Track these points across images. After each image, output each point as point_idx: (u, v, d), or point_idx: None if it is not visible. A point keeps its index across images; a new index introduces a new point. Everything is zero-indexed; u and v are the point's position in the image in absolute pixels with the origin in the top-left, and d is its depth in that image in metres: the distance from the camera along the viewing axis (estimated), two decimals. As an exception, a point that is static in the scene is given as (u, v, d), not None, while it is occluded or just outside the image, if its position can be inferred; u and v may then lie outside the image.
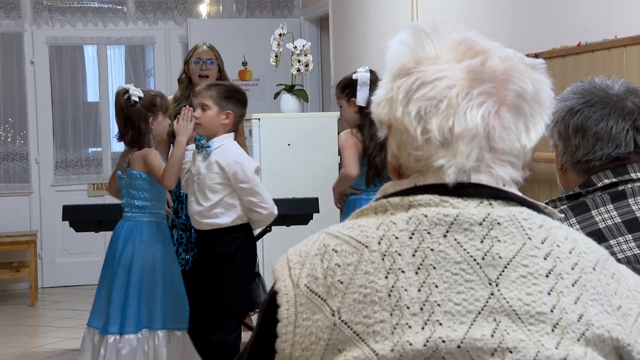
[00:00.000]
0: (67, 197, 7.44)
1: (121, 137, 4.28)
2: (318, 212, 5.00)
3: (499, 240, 1.13)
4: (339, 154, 4.69)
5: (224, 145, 4.09)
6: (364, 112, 4.41)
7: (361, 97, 4.47)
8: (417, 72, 1.16)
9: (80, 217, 5.18)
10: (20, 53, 7.79)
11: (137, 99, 4.19)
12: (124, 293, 4.14)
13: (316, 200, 5.02)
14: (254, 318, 5.12)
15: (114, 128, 8.09)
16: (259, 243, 5.34)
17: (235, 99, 4.12)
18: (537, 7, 4.10)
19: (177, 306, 4.21)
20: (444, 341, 1.08)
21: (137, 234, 4.20)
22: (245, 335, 4.57)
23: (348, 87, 4.52)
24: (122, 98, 4.22)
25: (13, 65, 7.78)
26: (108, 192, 4.69)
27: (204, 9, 8.09)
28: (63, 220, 5.18)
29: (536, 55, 3.82)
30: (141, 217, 4.24)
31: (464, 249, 1.12)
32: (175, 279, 4.23)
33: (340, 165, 4.72)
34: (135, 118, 4.19)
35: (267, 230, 5.07)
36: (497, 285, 1.11)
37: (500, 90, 1.15)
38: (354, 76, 4.54)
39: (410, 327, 1.08)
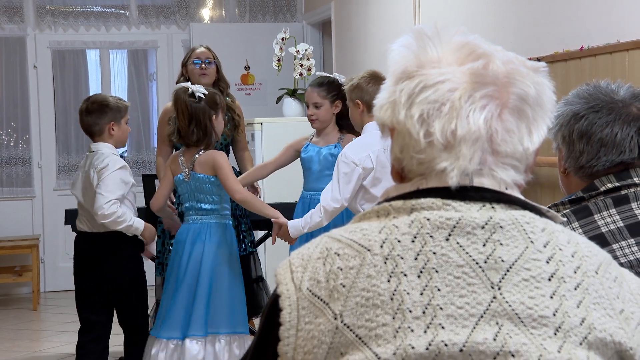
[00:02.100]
0: (70, 201, 7.39)
1: (185, 138, 4.12)
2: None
3: (501, 244, 1.12)
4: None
5: None
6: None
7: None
8: (419, 76, 1.16)
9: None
10: (23, 57, 7.80)
11: (202, 96, 4.08)
12: (191, 296, 4.08)
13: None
14: (257, 322, 5.11)
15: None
16: (261, 247, 5.35)
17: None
18: (540, 11, 4.10)
19: (241, 309, 4.19)
20: (446, 345, 1.07)
21: (205, 235, 4.14)
22: (249, 339, 4.57)
23: (335, 90, 4.52)
24: (186, 96, 4.08)
25: (16, 70, 7.80)
26: (157, 203, 4.34)
27: (206, 13, 8.10)
28: (65, 224, 5.18)
29: (538, 59, 3.82)
30: (209, 219, 4.17)
31: (467, 253, 1.12)
32: (239, 281, 4.20)
33: None
34: (201, 116, 4.08)
35: (269, 234, 5.07)
36: (499, 288, 1.10)
37: (503, 93, 1.16)
38: (340, 80, 4.55)
39: (412, 330, 1.08)
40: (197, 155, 4.13)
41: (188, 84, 4.17)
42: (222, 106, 4.22)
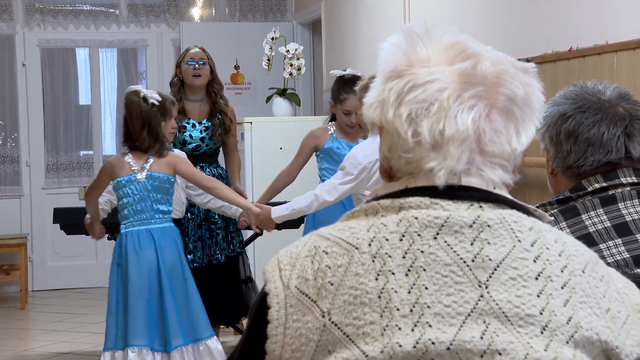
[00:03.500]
0: (58, 200, 7.41)
1: (137, 142, 4.04)
2: (309, 215, 4.99)
3: (488, 243, 1.13)
4: None
5: None
6: None
7: None
8: (408, 75, 1.16)
9: (71, 220, 5.17)
10: (11, 55, 7.78)
11: (156, 102, 4.02)
12: (159, 305, 3.97)
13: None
14: (245, 322, 5.11)
15: (106, 131, 8.14)
16: (250, 246, 5.35)
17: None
18: (529, 12, 4.11)
19: (203, 313, 4.12)
20: (433, 343, 1.08)
21: (167, 239, 4.05)
22: (237, 339, 4.56)
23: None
24: (139, 99, 4.01)
25: (4, 68, 7.77)
26: (89, 200, 4.26)
27: (196, 12, 8.09)
28: (54, 223, 5.17)
29: (528, 60, 3.83)
30: (163, 222, 4.08)
31: (454, 251, 1.12)
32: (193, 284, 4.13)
33: None
34: (153, 122, 4.02)
35: (258, 234, 5.08)
36: (486, 287, 1.11)
37: (491, 94, 1.16)
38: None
39: (400, 328, 1.08)
40: (152, 158, 4.06)
41: (140, 87, 4.10)
42: (172, 113, 4.14)
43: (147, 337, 3.93)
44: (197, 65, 4.91)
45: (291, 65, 5.93)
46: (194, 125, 4.92)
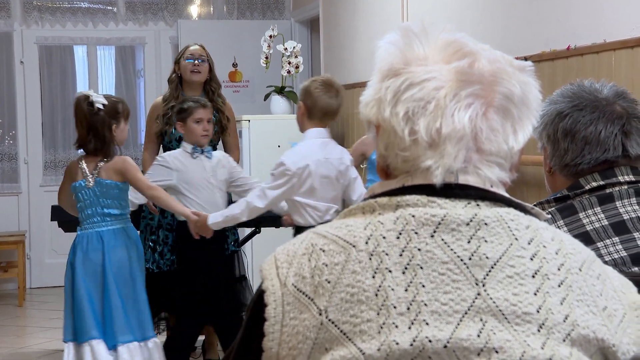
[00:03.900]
0: (56, 197, 7.40)
1: (83, 145, 4.13)
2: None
3: (485, 241, 1.13)
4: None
5: None
6: None
7: None
8: (405, 73, 1.16)
9: (69, 218, 5.14)
10: (9, 53, 7.77)
11: (101, 107, 4.06)
12: (101, 306, 4.07)
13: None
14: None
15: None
16: (247, 244, 5.34)
17: None
18: (527, 11, 4.11)
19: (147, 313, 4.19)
20: (430, 341, 1.08)
21: (113, 241, 4.12)
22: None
23: None
24: (85, 105, 4.07)
25: (2, 65, 7.76)
26: (60, 204, 4.41)
27: (194, 10, 8.09)
28: (52, 220, 5.17)
29: (525, 59, 3.84)
30: (114, 224, 4.14)
31: (451, 249, 1.12)
32: (142, 285, 4.20)
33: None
34: (99, 126, 4.06)
35: (256, 231, 5.07)
36: (483, 285, 1.11)
37: (488, 92, 1.16)
38: None
39: (397, 326, 1.09)
40: (101, 163, 4.11)
41: (89, 92, 4.13)
42: (126, 113, 4.16)
43: (96, 331, 4.04)
44: (196, 62, 4.91)
45: (289, 63, 5.93)
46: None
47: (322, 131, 3.96)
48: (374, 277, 1.11)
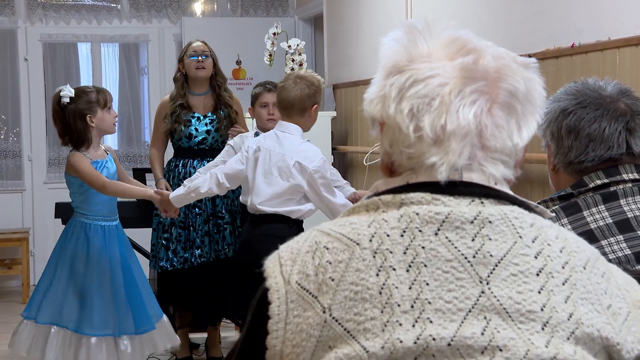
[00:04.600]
0: (60, 194, 7.38)
1: (63, 142, 4.19)
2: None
3: (490, 239, 1.13)
4: None
5: None
6: None
7: None
8: (409, 70, 1.16)
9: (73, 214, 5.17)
10: (13, 50, 7.77)
11: (68, 100, 4.08)
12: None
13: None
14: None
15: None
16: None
17: None
18: (531, 8, 4.10)
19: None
20: (434, 339, 1.08)
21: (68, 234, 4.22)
22: (237, 334, 4.56)
23: None
24: (54, 101, 4.12)
25: (6, 63, 7.76)
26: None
27: (198, 7, 8.09)
28: (55, 217, 5.18)
29: (529, 56, 3.82)
30: (75, 217, 4.23)
31: (455, 247, 1.12)
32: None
33: None
34: (70, 119, 4.09)
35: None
36: (487, 283, 1.11)
37: (493, 89, 1.16)
38: None
39: (400, 324, 1.08)
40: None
41: (63, 88, 4.14)
42: (102, 101, 4.15)
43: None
44: (200, 59, 4.91)
45: (293, 60, 5.92)
46: (199, 119, 4.92)
47: (282, 124, 4.00)
48: (377, 275, 1.11)
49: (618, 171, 1.88)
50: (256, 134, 4.51)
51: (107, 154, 4.27)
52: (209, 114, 4.94)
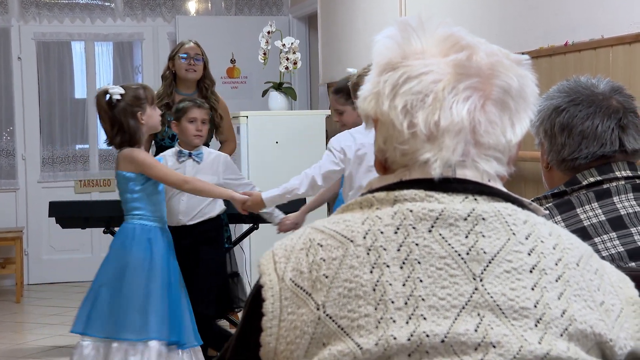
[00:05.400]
0: (54, 193, 7.41)
1: (111, 141, 4.00)
2: (305, 210, 4.99)
3: (483, 236, 1.13)
4: None
5: None
6: None
7: None
8: (403, 67, 1.16)
9: (67, 214, 5.16)
10: (7, 49, 7.76)
11: (119, 97, 3.93)
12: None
13: (304, 199, 5.02)
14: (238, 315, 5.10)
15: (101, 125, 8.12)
16: (245, 240, 5.34)
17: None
18: (525, 7, 4.11)
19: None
20: (427, 335, 1.08)
21: (116, 239, 4.02)
22: (230, 332, 4.56)
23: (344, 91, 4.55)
24: (103, 99, 3.95)
25: (0, 61, 7.75)
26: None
27: (192, 6, 8.08)
28: (49, 216, 5.17)
29: (523, 54, 3.83)
30: (126, 220, 4.00)
31: (449, 244, 1.12)
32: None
33: None
34: (122, 117, 3.92)
35: (254, 227, 5.07)
36: (481, 280, 1.11)
37: (486, 85, 1.16)
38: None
39: (394, 321, 1.09)
40: (119, 156, 4.00)
41: (107, 86, 4.02)
42: (150, 98, 4.02)
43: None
44: (192, 61, 4.89)
45: (287, 59, 5.92)
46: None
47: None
48: (371, 272, 1.11)
49: (611, 168, 1.88)
50: (180, 153, 4.40)
51: None
52: None
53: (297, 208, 4.44)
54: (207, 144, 4.96)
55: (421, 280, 1.10)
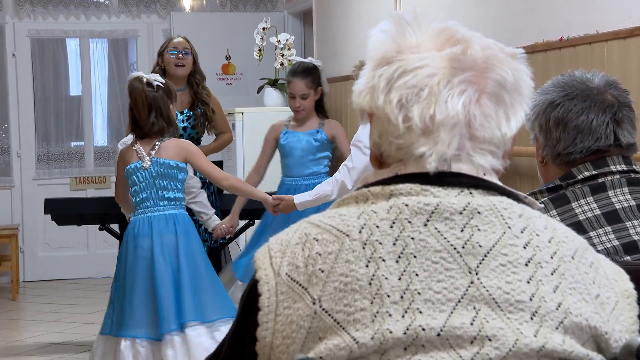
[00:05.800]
0: (49, 190, 7.40)
1: (145, 128, 3.89)
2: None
3: (479, 229, 1.13)
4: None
5: None
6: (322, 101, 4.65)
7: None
8: (398, 61, 1.16)
9: (62, 211, 5.16)
10: (1, 46, 7.74)
11: (161, 84, 3.90)
12: (173, 289, 3.82)
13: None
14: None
15: (97, 122, 8.11)
16: (241, 237, 5.35)
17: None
18: (520, 2, 4.11)
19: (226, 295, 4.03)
20: (423, 329, 1.08)
21: (175, 226, 3.91)
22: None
23: (317, 77, 4.58)
24: (141, 85, 3.88)
25: (-6, 58, 7.74)
26: (118, 200, 4.18)
27: (187, 2, 8.07)
28: (45, 213, 5.16)
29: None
30: (167, 209, 3.91)
31: (444, 238, 1.12)
32: (211, 269, 4.03)
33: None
34: (161, 105, 3.88)
35: (249, 224, 5.07)
36: (477, 273, 1.11)
37: (481, 79, 1.16)
38: (315, 63, 4.64)
39: (390, 315, 1.09)
40: (158, 143, 3.91)
41: (141, 73, 3.98)
42: (175, 95, 4.04)
43: (140, 328, 3.85)
44: (180, 55, 4.89)
45: (282, 55, 5.92)
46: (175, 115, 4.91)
47: None
48: (367, 266, 1.11)
49: (606, 163, 1.88)
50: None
51: None
52: (186, 111, 4.93)
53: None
54: (200, 139, 4.97)
55: (417, 274, 1.11)
